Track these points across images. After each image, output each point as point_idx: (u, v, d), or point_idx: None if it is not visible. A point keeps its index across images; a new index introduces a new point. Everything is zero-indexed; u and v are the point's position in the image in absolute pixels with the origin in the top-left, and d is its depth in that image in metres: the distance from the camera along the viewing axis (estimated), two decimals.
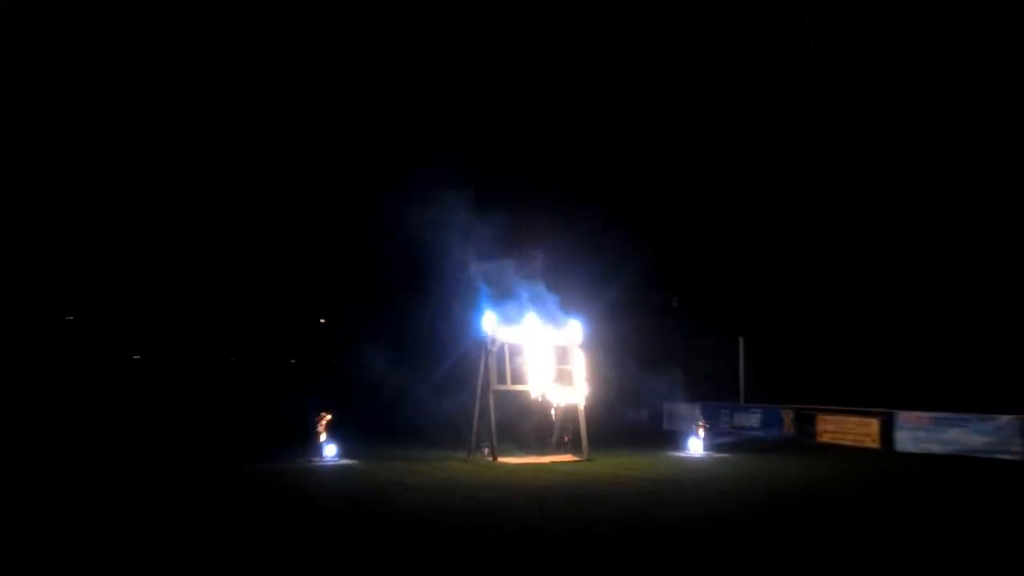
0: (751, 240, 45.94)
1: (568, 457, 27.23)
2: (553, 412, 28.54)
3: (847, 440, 32.32)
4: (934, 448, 29.08)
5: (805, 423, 34.48)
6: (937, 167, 36.65)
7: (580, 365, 28.04)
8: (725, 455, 28.78)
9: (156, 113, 50.53)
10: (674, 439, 31.77)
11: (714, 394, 33.56)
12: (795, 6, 42.16)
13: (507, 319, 27.64)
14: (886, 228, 39.88)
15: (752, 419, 37.04)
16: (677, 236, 47.35)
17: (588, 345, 29.02)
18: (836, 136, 41.55)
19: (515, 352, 27.73)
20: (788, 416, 35.33)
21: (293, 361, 47.15)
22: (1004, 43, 32.50)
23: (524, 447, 28.45)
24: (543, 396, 27.74)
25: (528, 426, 29.49)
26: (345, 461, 25.82)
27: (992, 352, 34.19)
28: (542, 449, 28.23)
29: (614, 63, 47.75)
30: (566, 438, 28.71)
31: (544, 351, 27.80)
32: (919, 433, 29.82)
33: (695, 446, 29.44)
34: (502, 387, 27.38)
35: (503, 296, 28.21)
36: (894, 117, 38.12)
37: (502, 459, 26.37)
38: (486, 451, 27.15)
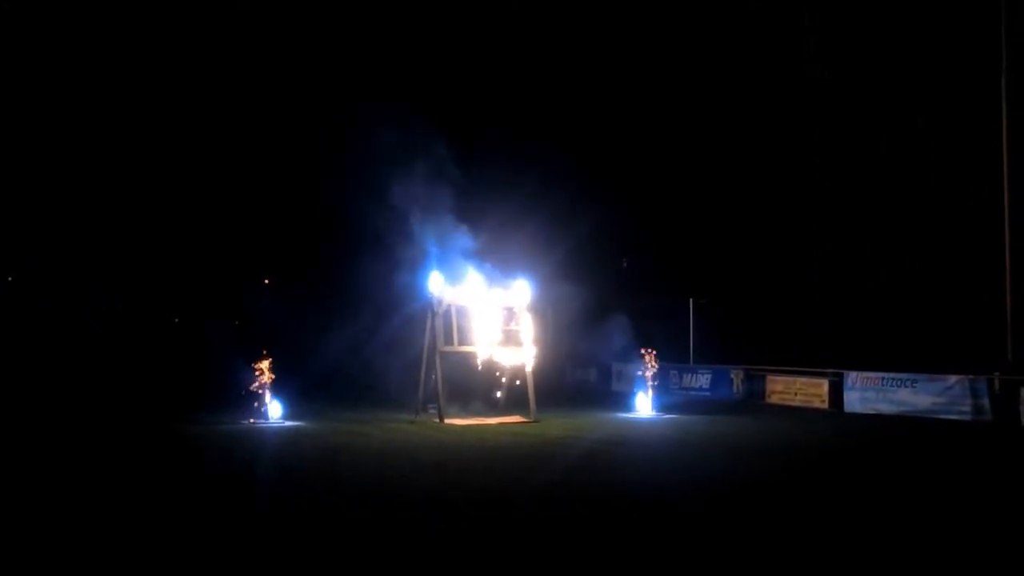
0: (703, 202, 45.87)
1: (516, 419, 27.07)
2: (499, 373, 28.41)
3: (796, 401, 32.44)
4: (883, 408, 29.22)
5: (754, 383, 34.58)
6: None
7: (527, 326, 27.88)
8: (673, 416, 28.75)
9: (101, 72, 49.56)
10: (622, 400, 31.72)
11: (663, 355, 33.55)
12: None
13: (452, 278, 27.40)
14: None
15: (701, 380, 37.08)
16: (629, 198, 47.09)
17: (536, 306, 28.84)
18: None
19: (462, 313, 27.51)
20: (737, 377, 35.40)
21: (236, 322, 46.72)
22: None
23: (471, 409, 28.25)
24: (490, 357, 27.55)
25: (475, 388, 29.31)
26: (290, 423, 25.52)
27: (942, 314, 34.43)
28: (489, 411, 28.07)
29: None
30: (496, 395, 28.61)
31: (491, 312, 27.59)
32: (868, 393, 29.97)
33: (643, 407, 29.36)
34: (449, 348, 27.16)
35: (445, 250, 27.98)
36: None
37: (449, 421, 26.19)
38: (433, 412, 26.96)
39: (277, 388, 26.08)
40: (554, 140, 44.70)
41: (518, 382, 28.16)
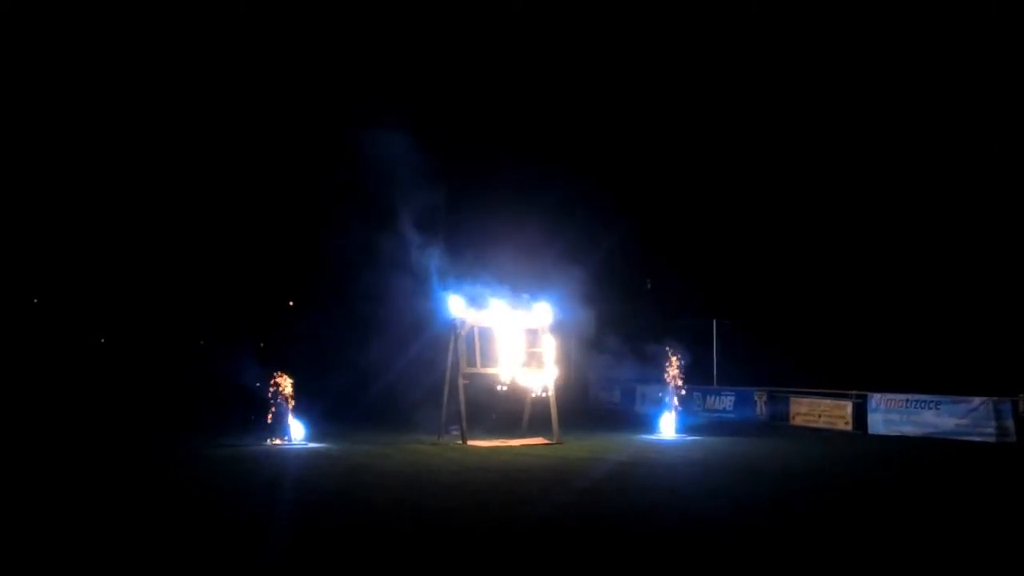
0: (727, 224, 45.82)
1: (539, 440, 27.03)
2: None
3: (820, 423, 32.25)
4: (907, 430, 29.03)
5: (778, 405, 34.40)
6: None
7: (550, 348, 27.85)
8: (697, 437, 28.63)
9: (110, 92, 49.26)
10: (646, 421, 31.61)
11: (687, 377, 33.46)
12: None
13: (473, 301, 27.43)
14: (863, 213, 39.97)
15: (725, 402, 36.93)
16: (652, 219, 47.01)
17: (559, 328, 28.82)
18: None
19: (485, 335, 27.51)
20: (761, 398, 35.23)
21: (262, 344, 46.75)
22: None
23: (494, 430, 28.26)
24: (513, 379, 27.53)
25: (498, 409, 29.37)
26: (313, 444, 25.58)
27: (965, 335, 34.28)
28: (512, 432, 28.06)
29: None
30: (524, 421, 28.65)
31: (514, 334, 27.58)
32: (892, 415, 29.78)
33: (667, 428, 29.25)
34: (471, 370, 27.17)
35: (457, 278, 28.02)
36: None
37: (472, 442, 26.17)
38: (456, 434, 26.96)
39: (299, 409, 26.19)
40: (579, 161, 44.72)
41: (542, 393, 28.15)
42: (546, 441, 26.85)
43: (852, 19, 40.28)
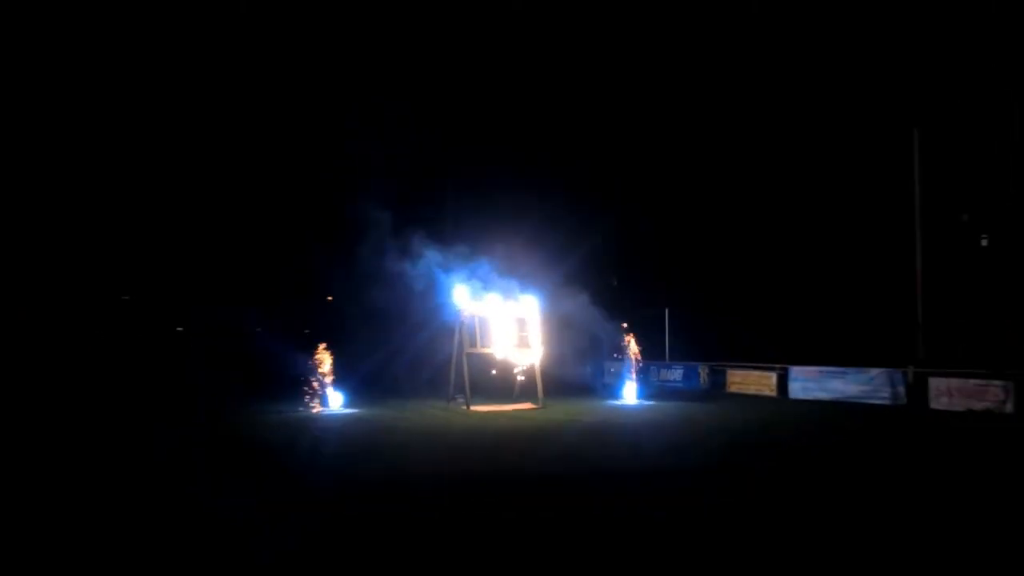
0: (682, 229, 45.67)
1: (527, 405, 27.27)
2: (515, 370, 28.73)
3: (751, 390, 32.49)
4: (820, 395, 29.31)
5: (717, 376, 34.67)
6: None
7: (535, 332, 28.20)
8: (653, 403, 28.89)
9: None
10: (612, 390, 31.93)
11: (645, 354, 33.55)
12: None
13: (474, 293, 27.78)
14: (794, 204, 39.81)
15: (675, 374, 37.17)
16: (621, 227, 46.65)
17: (542, 315, 29.06)
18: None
19: (483, 322, 27.85)
20: (704, 371, 35.49)
21: (307, 331, 46.69)
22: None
23: (491, 398, 28.49)
24: (506, 357, 27.97)
25: (494, 381, 29.65)
26: (349, 410, 25.85)
27: (866, 319, 34.50)
28: (505, 399, 28.30)
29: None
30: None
31: (506, 321, 27.98)
32: (808, 384, 30.03)
33: (629, 395, 29.51)
34: (473, 350, 27.50)
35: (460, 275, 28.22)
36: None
37: (474, 408, 26.42)
38: (461, 401, 27.19)
39: (338, 382, 26.61)
40: (569, 171, 44.06)
41: (521, 378, 28.59)
42: (533, 406, 27.10)
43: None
